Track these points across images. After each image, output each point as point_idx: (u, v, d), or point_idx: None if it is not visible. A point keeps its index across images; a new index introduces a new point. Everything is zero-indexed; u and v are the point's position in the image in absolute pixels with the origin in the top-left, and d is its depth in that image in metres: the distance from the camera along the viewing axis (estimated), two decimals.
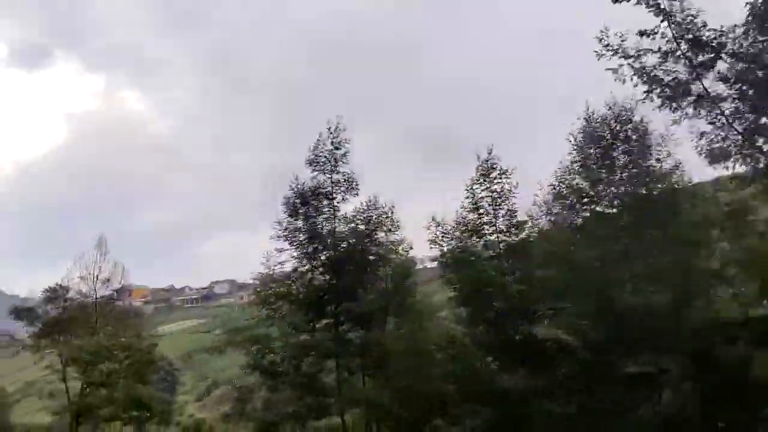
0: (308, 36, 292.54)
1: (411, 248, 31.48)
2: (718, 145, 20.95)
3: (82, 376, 44.43)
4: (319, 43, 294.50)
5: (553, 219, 29.21)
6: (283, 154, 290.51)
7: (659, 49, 19.72)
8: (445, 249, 30.76)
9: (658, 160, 27.76)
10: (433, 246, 31.05)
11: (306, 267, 29.83)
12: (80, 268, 45.77)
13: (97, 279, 46.28)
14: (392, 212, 30.69)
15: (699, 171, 26.79)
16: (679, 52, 19.63)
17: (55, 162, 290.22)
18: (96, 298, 46.54)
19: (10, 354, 50.54)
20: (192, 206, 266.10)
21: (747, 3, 18.76)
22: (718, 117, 20.50)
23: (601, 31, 20.19)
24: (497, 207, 30.01)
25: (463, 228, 30.55)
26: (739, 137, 20.51)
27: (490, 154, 30.47)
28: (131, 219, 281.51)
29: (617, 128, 28.24)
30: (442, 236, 30.81)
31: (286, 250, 29.91)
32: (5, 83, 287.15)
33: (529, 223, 29.12)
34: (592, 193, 28.43)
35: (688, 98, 20.24)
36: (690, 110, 20.59)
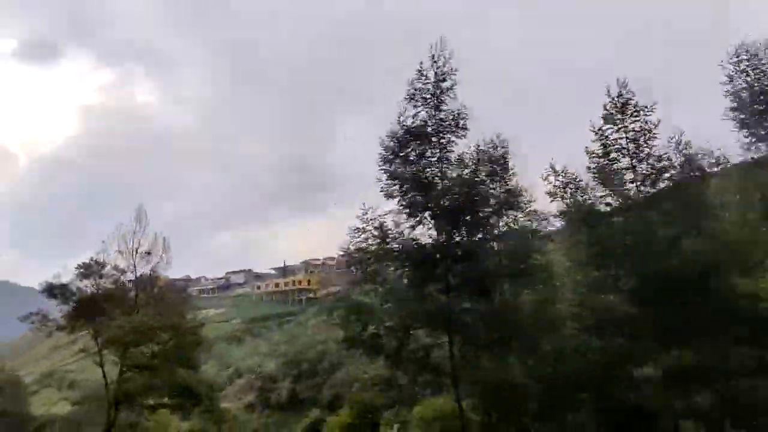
0: (321, 26, 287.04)
1: (533, 200, 26.32)
2: None
3: (121, 360, 39.75)
4: (332, 32, 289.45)
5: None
6: (294, 144, 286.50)
7: None
8: (569, 201, 25.77)
9: None
10: (553, 198, 26.12)
11: (411, 222, 24.75)
12: (117, 242, 41.05)
13: (137, 253, 41.56)
14: (508, 156, 25.64)
15: None
16: None
17: (68, 155, 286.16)
18: (135, 274, 41.82)
19: (44, 334, 45.40)
20: (204, 198, 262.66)
21: None
22: None
23: None
24: (637, 150, 25.02)
25: (594, 175, 25.56)
26: None
27: (624, 87, 25.50)
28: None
29: None
30: (565, 186, 25.88)
31: (389, 201, 24.79)
32: (17, 78, 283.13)
33: (701, 162, 23.78)
34: None
35: None
36: None
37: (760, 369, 20.39)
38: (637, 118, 25.41)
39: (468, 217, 24.15)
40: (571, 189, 26.07)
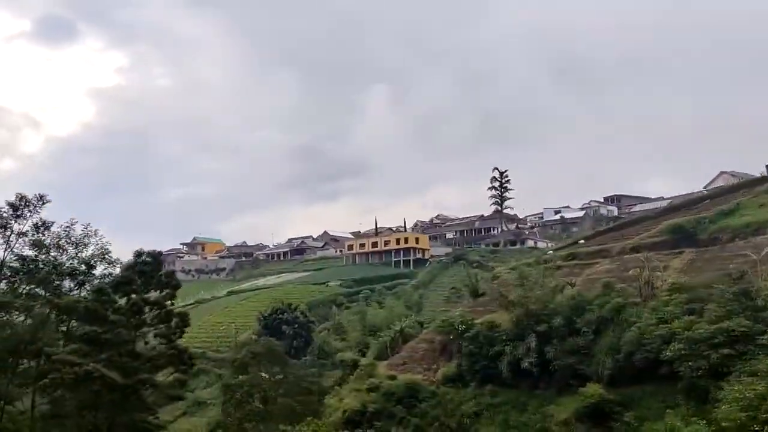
0: (338, 10, 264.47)
1: None
2: None
3: None
4: (348, 16, 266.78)
5: None
6: (310, 131, 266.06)
7: None
8: None
9: None
10: None
11: None
12: None
13: None
14: None
15: None
16: None
17: (81, 138, 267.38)
18: None
19: None
20: (218, 183, 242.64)
21: None
22: None
23: None
24: None
25: None
26: None
27: None
28: (156, 195, 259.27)
29: None
30: None
31: None
32: (30, 59, 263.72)
33: None
34: None
35: None
36: None
37: None
38: None
39: None
40: None
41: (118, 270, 30.55)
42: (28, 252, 28.64)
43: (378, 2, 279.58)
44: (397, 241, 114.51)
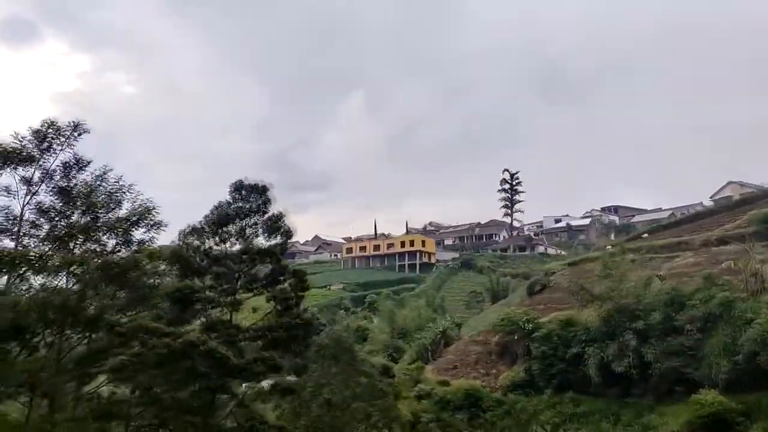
0: (311, 15, 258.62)
1: None
2: None
3: None
4: (323, 23, 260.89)
5: None
6: (278, 139, 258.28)
7: None
8: None
9: None
10: None
11: None
12: None
13: None
14: None
15: None
16: None
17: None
18: None
19: None
20: (184, 191, 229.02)
21: None
22: None
23: None
24: None
25: None
26: None
27: None
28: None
29: None
30: None
31: None
32: None
33: None
34: None
35: None
36: None
37: None
38: None
39: None
40: None
41: (161, 237, 23.47)
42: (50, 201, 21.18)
43: (355, 12, 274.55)
44: (402, 244, 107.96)
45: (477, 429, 40.98)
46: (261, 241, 21.61)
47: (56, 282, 19.89)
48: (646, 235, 64.84)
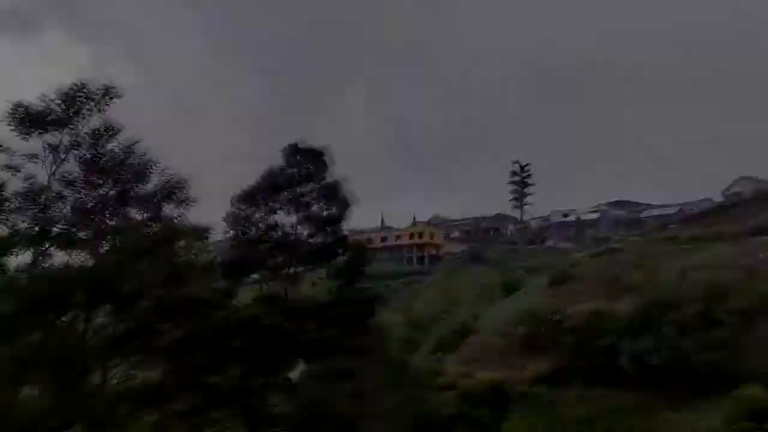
0: (310, 14, 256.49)
1: None
2: None
3: None
4: (323, 22, 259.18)
5: None
6: (273, 137, 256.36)
7: None
8: None
9: None
10: None
11: None
12: None
13: None
14: None
15: None
16: None
17: None
18: None
19: None
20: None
21: None
22: None
23: None
24: None
25: None
26: None
27: None
28: None
29: None
30: None
31: None
32: None
33: None
34: None
35: None
36: None
37: None
38: None
39: None
40: None
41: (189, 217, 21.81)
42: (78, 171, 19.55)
43: (352, 10, 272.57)
44: (410, 236, 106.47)
45: (503, 423, 39.64)
46: (315, 211, 20.01)
47: (84, 258, 18.32)
48: (673, 225, 63.49)
